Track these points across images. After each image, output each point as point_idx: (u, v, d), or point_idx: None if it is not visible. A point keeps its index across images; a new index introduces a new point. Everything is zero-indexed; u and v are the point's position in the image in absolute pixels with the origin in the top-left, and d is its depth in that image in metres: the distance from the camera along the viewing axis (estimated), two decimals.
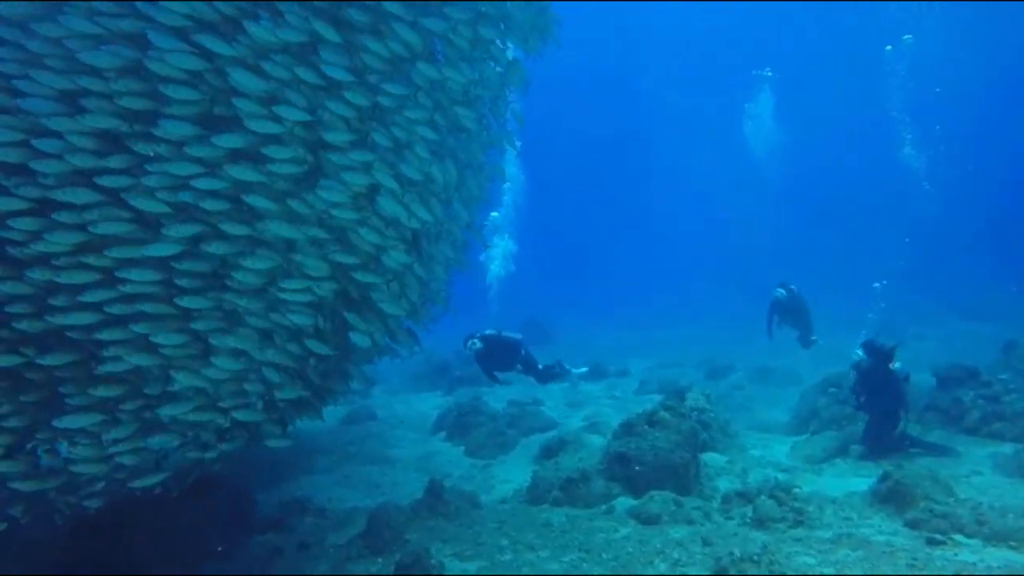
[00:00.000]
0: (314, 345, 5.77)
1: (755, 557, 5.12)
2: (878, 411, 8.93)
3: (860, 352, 9.22)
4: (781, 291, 14.03)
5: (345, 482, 9.47)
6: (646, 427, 7.98)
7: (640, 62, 57.23)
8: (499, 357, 10.76)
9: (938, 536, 5.71)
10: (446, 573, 5.74)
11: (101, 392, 4.95)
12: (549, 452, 9.48)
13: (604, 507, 7.27)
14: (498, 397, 13.94)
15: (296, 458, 10.25)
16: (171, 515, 5.90)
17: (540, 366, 11.02)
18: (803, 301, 14.18)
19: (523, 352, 10.97)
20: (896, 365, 8.96)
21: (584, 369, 14.67)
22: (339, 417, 13.17)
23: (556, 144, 47.33)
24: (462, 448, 11.09)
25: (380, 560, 6.34)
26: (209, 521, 6.75)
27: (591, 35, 47.95)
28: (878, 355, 9.02)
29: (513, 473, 9.42)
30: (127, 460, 5.19)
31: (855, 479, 7.93)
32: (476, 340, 10.47)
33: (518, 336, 11.03)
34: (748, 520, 6.53)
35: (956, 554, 5.41)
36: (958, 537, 5.73)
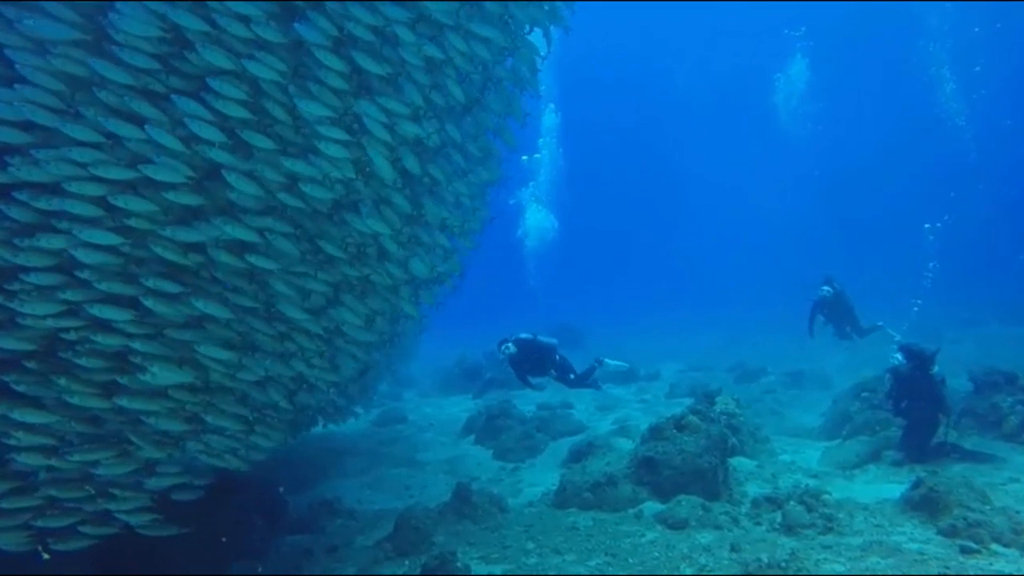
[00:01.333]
0: (301, 317, 5.96)
1: (783, 563, 5.08)
2: (917, 417, 8.72)
3: (898, 356, 8.99)
4: (827, 288, 13.48)
5: (375, 484, 9.58)
6: (674, 431, 7.94)
7: (671, 39, 56.55)
8: (533, 362, 10.64)
9: (973, 545, 5.57)
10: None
11: (63, 383, 4.98)
12: (577, 456, 9.49)
13: (631, 511, 7.25)
14: (528, 400, 13.96)
15: (327, 460, 10.40)
16: (201, 516, 6.01)
17: (571, 375, 10.85)
18: (847, 297, 13.79)
19: (558, 357, 10.83)
20: (933, 369, 8.75)
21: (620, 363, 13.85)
22: (370, 420, 13.33)
23: (585, 144, 47.16)
24: (491, 451, 11.13)
25: (407, 562, 6.41)
26: (240, 522, 6.87)
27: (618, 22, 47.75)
28: (919, 360, 8.79)
29: (541, 476, 9.42)
30: (105, 472, 5.31)
31: (887, 485, 7.78)
32: (510, 344, 10.32)
33: (553, 341, 10.87)
34: (777, 526, 6.45)
35: (991, 563, 5.29)
36: (994, 546, 5.58)
